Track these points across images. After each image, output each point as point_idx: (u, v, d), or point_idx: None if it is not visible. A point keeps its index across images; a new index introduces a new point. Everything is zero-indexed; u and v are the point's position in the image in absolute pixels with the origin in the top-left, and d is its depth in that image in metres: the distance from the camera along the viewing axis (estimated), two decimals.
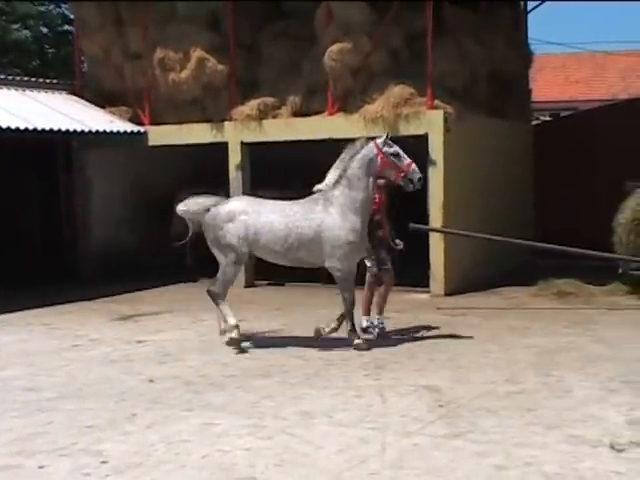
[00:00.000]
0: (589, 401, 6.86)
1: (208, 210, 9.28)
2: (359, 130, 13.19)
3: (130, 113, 15.55)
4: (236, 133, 14.36)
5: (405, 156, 9.07)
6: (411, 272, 12.71)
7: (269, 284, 14.50)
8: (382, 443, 5.90)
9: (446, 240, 12.68)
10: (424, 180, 12.61)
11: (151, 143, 15.13)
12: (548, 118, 24.83)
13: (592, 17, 78.72)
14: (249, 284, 14.35)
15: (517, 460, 5.50)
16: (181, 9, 15.12)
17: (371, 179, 9.07)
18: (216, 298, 9.34)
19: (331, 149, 13.72)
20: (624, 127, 15.44)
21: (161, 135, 15.03)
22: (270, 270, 14.57)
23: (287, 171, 15.17)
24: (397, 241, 9.65)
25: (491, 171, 14.04)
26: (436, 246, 12.83)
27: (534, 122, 19.34)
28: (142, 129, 15.18)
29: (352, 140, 8.98)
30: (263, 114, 14.20)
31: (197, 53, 14.64)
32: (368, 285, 9.79)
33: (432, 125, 12.85)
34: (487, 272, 13.29)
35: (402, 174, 9.03)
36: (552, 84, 34.39)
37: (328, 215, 8.99)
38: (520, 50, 16.47)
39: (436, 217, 12.78)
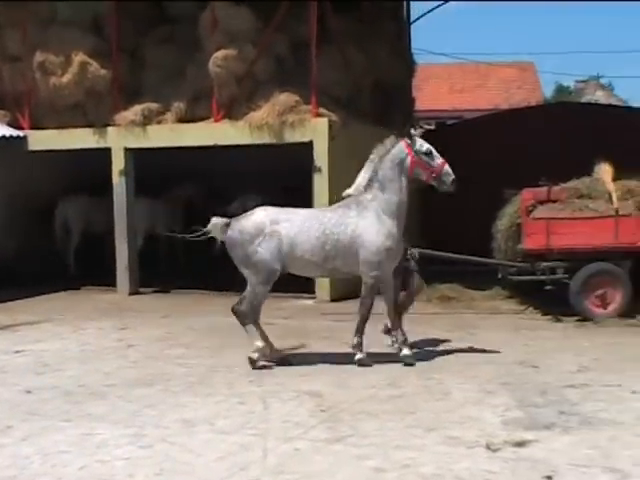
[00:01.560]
0: (467, 403, 7.00)
1: (227, 225, 8.47)
2: (245, 137, 13.23)
3: (9, 117, 15.10)
4: (119, 139, 14.14)
5: (438, 155, 8.59)
6: (297, 278, 12.79)
7: (154, 291, 14.31)
8: (263, 449, 5.89)
9: None
10: (310, 187, 12.90)
11: (31, 148, 14.74)
12: (433, 127, 25.33)
13: (476, 29, 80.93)
14: (133, 291, 14.15)
15: (396, 462, 5.57)
16: (62, 12, 14.78)
17: (404, 180, 8.49)
18: (243, 318, 8.51)
19: (220, 155, 13.85)
20: (505, 136, 15.91)
21: (41, 140, 14.66)
22: (155, 277, 14.58)
23: (174, 178, 15.07)
24: (413, 250, 9.19)
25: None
26: None
27: (419, 130, 19.70)
28: (21, 133, 14.78)
29: (240, 147, 8.92)
30: (147, 120, 14.04)
31: (79, 57, 14.36)
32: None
33: (317, 133, 12.96)
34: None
35: (434, 174, 8.50)
36: (437, 93, 35.18)
37: (363, 219, 8.38)
38: (403, 60, 16.81)
39: None
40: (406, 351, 8.46)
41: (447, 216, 15.44)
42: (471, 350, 9.09)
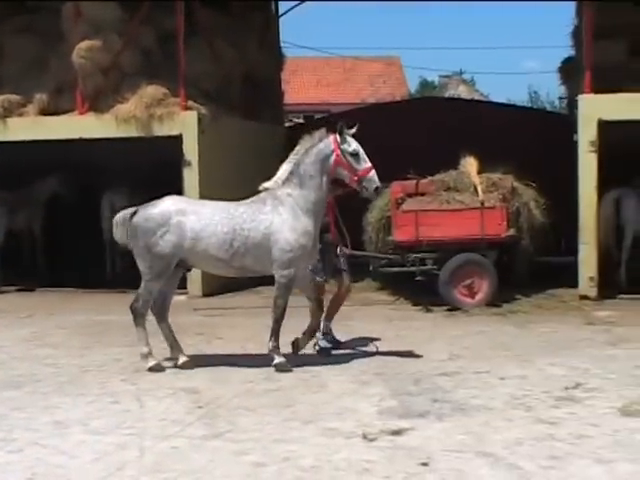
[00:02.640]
0: (343, 394, 7.06)
1: (134, 214, 7.95)
2: (111, 130, 12.94)
3: None
4: None
5: (365, 159, 8.00)
6: None
7: (18, 290, 13.82)
8: (140, 448, 5.76)
9: None
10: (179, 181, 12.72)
11: None
12: (302, 120, 25.46)
13: (342, 23, 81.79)
14: None
15: (275, 456, 5.56)
16: None
17: (325, 178, 7.96)
18: (138, 317, 8.04)
19: (87, 149, 13.48)
20: (371, 130, 16.05)
21: None
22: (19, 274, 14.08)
23: (38, 172, 14.56)
24: (344, 249, 8.84)
25: (246, 172, 14.11)
26: None
27: (288, 124, 19.76)
28: None
29: (107, 140, 8.58)
30: (8, 112, 13.53)
31: None
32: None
33: (186, 126, 12.82)
34: None
35: (356, 177, 7.91)
36: (305, 87, 35.39)
37: (278, 215, 7.88)
38: (272, 53, 16.80)
39: None
40: (278, 359, 7.98)
41: None
42: (346, 341, 9.17)
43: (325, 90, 36.72)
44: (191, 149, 12.82)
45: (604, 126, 11.49)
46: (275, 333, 8.07)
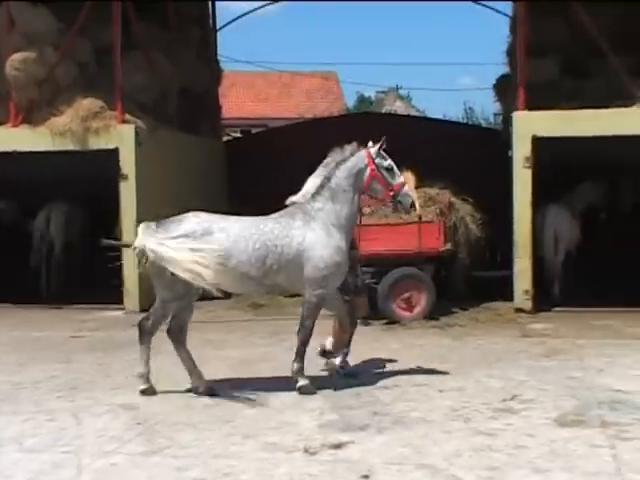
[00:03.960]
0: (284, 409, 7.06)
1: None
2: (46, 143, 12.75)
3: None
4: None
5: (399, 173, 7.83)
6: (104, 289, 12.48)
7: None
8: (77, 466, 5.67)
9: None
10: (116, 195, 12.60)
11: None
12: (239, 134, 25.45)
13: (279, 38, 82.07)
14: None
15: (216, 471, 5.53)
16: None
17: (357, 192, 7.72)
18: (143, 336, 7.54)
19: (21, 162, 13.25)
20: (309, 145, 16.13)
21: None
22: None
23: None
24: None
25: (185, 185, 14.12)
26: (129, 261, 12.62)
27: (225, 138, 19.75)
28: None
29: (43, 153, 8.34)
30: None
31: None
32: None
33: (123, 139, 12.70)
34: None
35: (392, 193, 7.71)
36: (242, 101, 35.35)
37: (310, 231, 7.47)
38: (210, 67, 16.78)
39: (130, 232, 12.57)
40: (303, 381, 7.61)
41: None
42: (285, 356, 9.15)
43: (262, 105, 36.75)
44: (128, 162, 12.70)
45: (538, 142, 11.72)
46: (300, 355, 7.69)
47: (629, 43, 11.82)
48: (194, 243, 7.17)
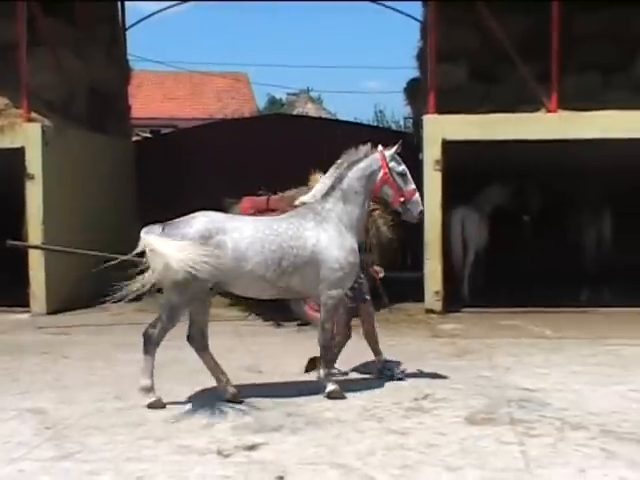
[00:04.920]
0: (197, 411, 6.99)
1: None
2: None
3: None
4: None
5: (411, 180, 7.69)
6: (10, 291, 12.16)
7: None
8: None
9: (47, 257, 12.28)
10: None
11: None
12: (148, 134, 25.15)
13: (190, 38, 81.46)
14: None
15: (128, 475, 5.46)
16: None
17: (368, 195, 7.61)
18: (149, 345, 7.26)
19: None
20: (221, 146, 16.10)
21: None
22: None
23: None
24: (377, 267, 8.34)
25: (93, 186, 13.89)
26: (36, 263, 12.37)
27: (135, 138, 19.48)
28: None
29: None
30: None
31: None
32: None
33: (29, 138, 12.42)
34: (93, 288, 13.03)
35: (402, 199, 7.59)
36: (151, 101, 34.92)
37: (323, 232, 7.31)
38: (119, 65, 16.52)
39: (36, 233, 12.33)
40: (332, 386, 7.43)
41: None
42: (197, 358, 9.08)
43: (172, 105, 36.38)
44: (34, 162, 12.41)
45: (448, 146, 11.92)
46: (325, 359, 7.52)
47: (536, 50, 12.12)
48: (198, 247, 6.86)
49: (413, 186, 7.71)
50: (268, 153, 15.45)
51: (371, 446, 6.01)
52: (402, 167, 7.67)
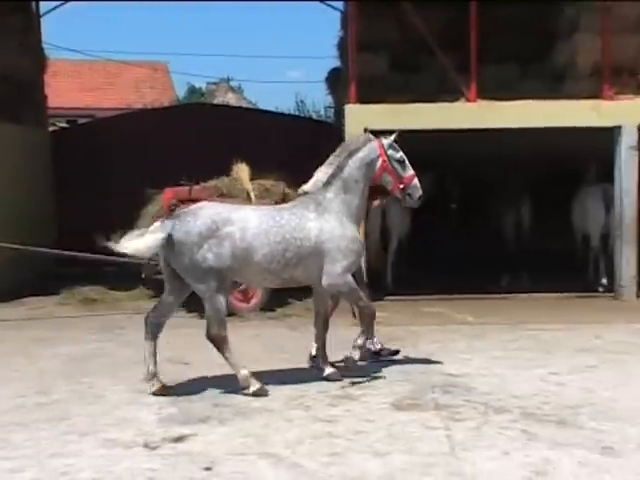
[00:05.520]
0: (121, 404, 6.91)
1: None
2: None
3: None
4: None
5: (409, 166, 7.78)
6: None
7: None
8: None
9: None
10: None
11: None
12: (65, 124, 24.62)
13: (106, 26, 79.94)
14: None
15: (52, 471, 5.37)
16: None
17: (367, 183, 7.71)
18: (222, 343, 7.27)
19: None
20: (141, 136, 15.87)
21: None
22: None
23: None
24: None
25: (6, 176, 13.55)
26: None
27: (51, 128, 19.06)
28: None
29: None
30: None
31: None
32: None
33: None
34: (9, 282, 12.76)
35: (401, 186, 7.72)
36: (67, 90, 34.17)
37: (325, 222, 7.39)
38: (34, 54, 16.12)
39: None
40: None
41: (87, 217, 15.02)
42: (119, 351, 8.98)
43: (88, 94, 35.67)
44: None
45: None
46: (370, 332, 7.80)
47: (455, 41, 12.26)
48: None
49: (412, 172, 7.81)
50: (190, 143, 15.31)
51: (299, 435, 6.03)
52: (400, 154, 7.78)
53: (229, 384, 7.41)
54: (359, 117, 12.13)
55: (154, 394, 7.09)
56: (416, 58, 13.09)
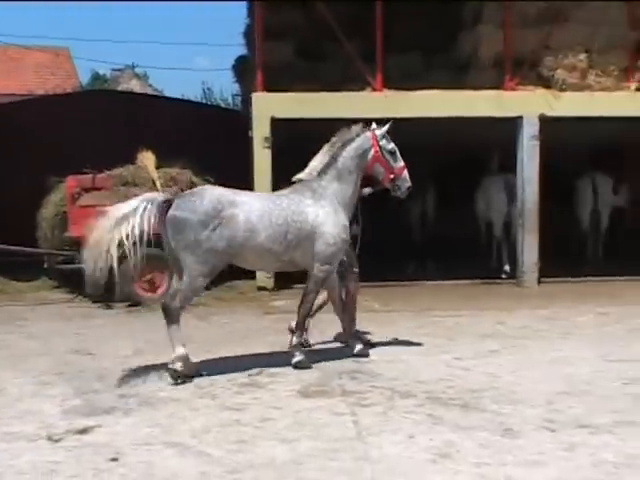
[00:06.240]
0: (24, 397, 6.76)
1: (166, 203, 7.18)
2: None
3: None
4: None
5: (400, 158, 7.93)
6: None
7: None
8: None
9: None
10: None
11: None
12: None
13: (5, 9, 77.65)
14: None
15: None
16: None
17: (360, 173, 7.84)
18: (172, 316, 7.22)
19: None
20: (43, 123, 15.49)
21: None
22: None
23: None
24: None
25: None
26: None
27: None
28: None
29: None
30: None
31: None
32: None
33: None
34: None
35: (392, 176, 7.88)
36: None
37: (321, 208, 7.58)
38: None
39: None
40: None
41: None
42: (22, 343, 8.79)
43: None
44: None
45: (277, 123, 11.98)
46: (300, 328, 7.83)
47: (361, 30, 12.36)
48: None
49: (402, 163, 7.98)
50: (94, 131, 15.01)
51: (206, 423, 5.99)
52: (392, 145, 7.94)
53: (135, 375, 7.34)
54: (266, 105, 12.14)
55: (186, 376, 7.12)
56: (322, 46, 13.15)
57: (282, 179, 12.25)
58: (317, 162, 7.87)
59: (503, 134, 12.52)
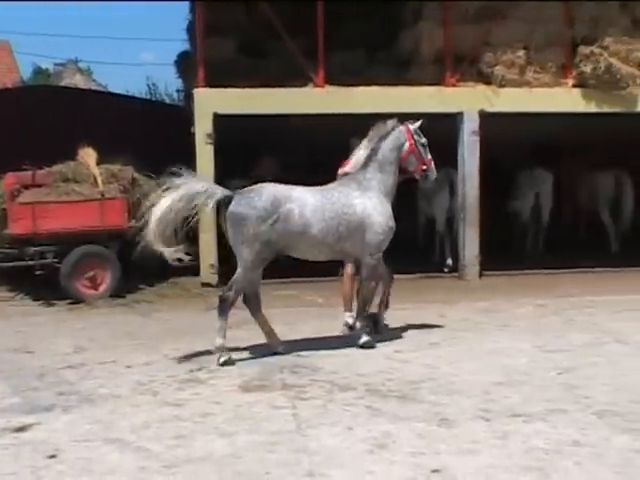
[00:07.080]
0: None
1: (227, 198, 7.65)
2: None
3: None
4: None
5: (428, 150, 8.52)
6: None
7: None
8: None
9: None
10: None
11: None
12: None
13: None
14: None
15: None
16: None
17: (397, 165, 8.31)
18: (226, 308, 7.70)
19: None
20: None
21: None
22: None
23: None
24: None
25: None
26: None
27: None
28: None
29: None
30: None
31: None
32: (349, 278, 8.82)
33: None
34: None
35: (424, 167, 8.46)
36: None
37: (368, 200, 8.03)
38: None
39: None
40: (365, 337, 8.30)
41: None
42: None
43: None
44: None
45: (219, 119, 11.98)
46: (361, 314, 8.35)
47: (303, 26, 12.40)
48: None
49: (430, 156, 8.56)
50: (34, 126, 14.80)
51: (146, 419, 6.01)
52: (424, 139, 8.49)
53: (74, 372, 7.32)
54: (208, 101, 12.14)
55: (223, 365, 7.47)
56: (264, 43, 13.19)
57: (226, 174, 12.34)
58: (360, 156, 8.34)
59: (444, 129, 12.67)
